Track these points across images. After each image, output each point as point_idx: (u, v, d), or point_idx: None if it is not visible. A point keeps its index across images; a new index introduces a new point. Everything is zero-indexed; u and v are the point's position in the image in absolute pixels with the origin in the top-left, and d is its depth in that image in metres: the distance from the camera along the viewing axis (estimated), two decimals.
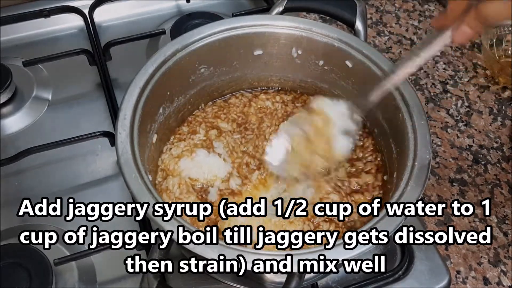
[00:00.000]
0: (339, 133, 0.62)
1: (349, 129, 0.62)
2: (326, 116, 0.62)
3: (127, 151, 0.56)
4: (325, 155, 0.62)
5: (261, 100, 0.77)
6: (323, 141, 0.61)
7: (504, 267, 0.73)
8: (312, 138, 0.62)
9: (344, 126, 0.62)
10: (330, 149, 0.62)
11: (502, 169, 0.84)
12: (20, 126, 0.84)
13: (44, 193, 0.75)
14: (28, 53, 0.90)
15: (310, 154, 0.62)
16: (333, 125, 0.62)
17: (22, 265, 0.65)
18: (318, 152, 0.61)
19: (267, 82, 0.78)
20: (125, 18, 1.01)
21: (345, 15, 0.75)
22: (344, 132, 0.62)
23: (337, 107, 0.63)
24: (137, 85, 0.62)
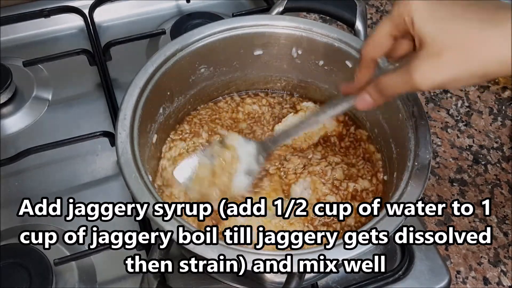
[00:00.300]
0: (242, 172, 0.64)
1: (252, 169, 0.64)
2: (236, 153, 0.64)
3: (127, 151, 0.56)
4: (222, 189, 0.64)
5: (248, 104, 0.77)
6: (226, 176, 0.64)
7: (504, 267, 0.73)
8: (216, 171, 0.64)
9: (248, 166, 0.64)
10: (230, 185, 0.64)
11: (502, 169, 0.84)
12: (20, 126, 0.84)
13: (44, 193, 0.75)
14: (28, 53, 0.90)
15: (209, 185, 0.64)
16: (239, 163, 0.64)
17: (22, 265, 0.65)
18: (217, 185, 0.63)
19: (267, 82, 0.78)
20: (125, 18, 1.01)
21: (345, 15, 0.75)
22: (247, 171, 0.64)
23: (247, 147, 0.65)
24: (137, 85, 0.62)
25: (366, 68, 0.55)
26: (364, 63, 0.55)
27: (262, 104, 0.77)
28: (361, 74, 0.56)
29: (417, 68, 0.46)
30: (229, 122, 0.75)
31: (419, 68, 0.46)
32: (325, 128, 0.74)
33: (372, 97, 0.53)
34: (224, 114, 0.76)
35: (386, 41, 0.52)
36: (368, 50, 0.54)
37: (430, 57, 0.45)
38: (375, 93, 0.53)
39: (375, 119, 0.69)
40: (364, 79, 0.56)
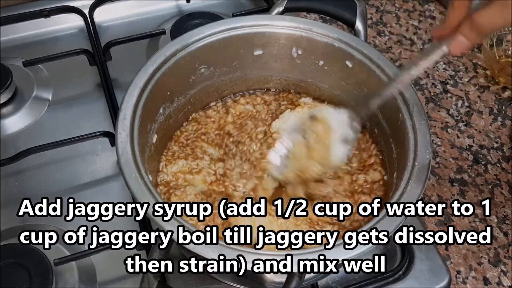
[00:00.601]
0: (338, 141, 0.63)
1: (348, 137, 0.64)
2: (327, 124, 0.64)
3: (127, 151, 0.56)
4: (322, 162, 0.63)
5: (241, 104, 0.76)
6: (322, 149, 0.63)
7: (504, 267, 0.73)
8: (312, 145, 0.63)
9: (343, 135, 0.64)
10: (328, 156, 0.63)
11: (502, 169, 0.84)
12: (20, 126, 0.84)
13: (44, 193, 0.75)
14: (28, 53, 0.90)
15: (308, 160, 0.63)
16: (333, 133, 0.63)
17: (22, 265, 0.65)
18: (316, 159, 0.63)
19: (267, 82, 0.78)
20: (125, 18, 1.01)
21: (345, 15, 0.75)
22: (343, 140, 0.64)
23: (338, 116, 0.64)
24: (137, 85, 0.62)
25: (459, 6, 0.51)
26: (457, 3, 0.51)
27: (256, 103, 0.77)
28: (454, 14, 0.52)
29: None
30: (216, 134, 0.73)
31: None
32: None
33: (467, 37, 0.51)
34: (211, 125, 0.74)
35: None
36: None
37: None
38: (471, 32, 0.50)
39: (375, 119, 0.69)
40: (457, 19, 0.52)
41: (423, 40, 1.02)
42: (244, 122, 0.74)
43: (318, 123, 0.64)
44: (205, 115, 0.76)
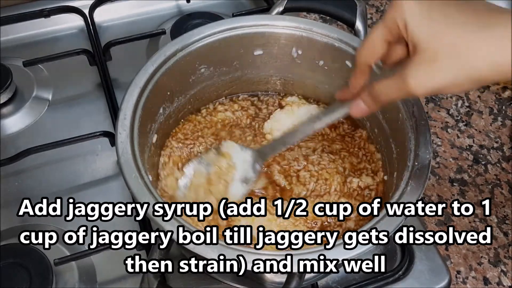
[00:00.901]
0: (238, 180, 0.64)
1: (248, 177, 0.64)
2: (231, 161, 0.64)
3: (127, 151, 0.56)
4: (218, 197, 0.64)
5: (220, 112, 0.76)
6: (222, 184, 0.63)
7: (504, 267, 0.73)
8: (212, 179, 0.64)
9: (244, 174, 0.64)
10: (225, 193, 0.64)
11: (502, 169, 0.84)
12: (20, 126, 0.84)
13: (44, 193, 0.75)
14: (28, 53, 0.90)
15: (205, 193, 0.64)
16: (235, 171, 0.64)
17: (22, 265, 0.65)
18: (213, 193, 0.63)
19: (267, 82, 0.78)
20: (125, 18, 1.01)
21: (345, 15, 0.75)
22: (242, 179, 0.64)
23: (243, 154, 0.65)
24: (137, 85, 0.62)
25: (360, 73, 0.55)
26: (359, 68, 0.55)
27: (234, 110, 0.76)
28: (356, 80, 0.56)
29: (411, 74, 0.46)
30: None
31: (413, 74, 0.46)
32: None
33: (366, 104, 0.53)
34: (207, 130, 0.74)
35: (380, 46, 0.51)
36: (362, 55, 0.53)
37: (424, 63, 0.45)
38: (369, 100, 0.53)
39: (375, 119, 0.69)
40: (358, 85, 0.56)
41: None
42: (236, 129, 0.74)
43: (223, 158, 0.64)
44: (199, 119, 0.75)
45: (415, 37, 0.46)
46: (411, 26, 0.46)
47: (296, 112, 0.74)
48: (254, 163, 0.65)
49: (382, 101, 0.51)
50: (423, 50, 0.45)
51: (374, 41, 0.51)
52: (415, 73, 0.46)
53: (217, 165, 0.64)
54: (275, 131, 0.72)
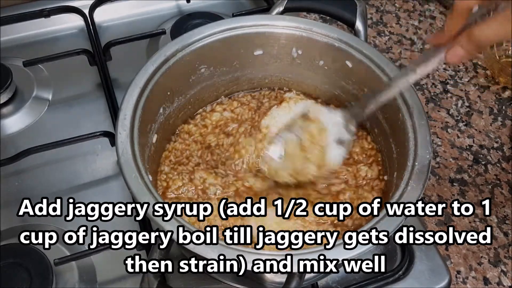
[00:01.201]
0: (333, 142, 0.63)
1: (343, 138, 0.63)
2: (322, 125, 0.63)
3: (127, 151, 0.56)
4: (317, 163, 0.62)
5: (217, 112, 0.75)
6: (317, 149, 0.62)
7: (504, 267, 0.73)
8: (306, 145, 0.62)
9: (338, 136, 0.63)
10: (323, 158, 0.62)
11: (502, 169, 0.84)
12: (20, 126, 0.84)
13: (44, 193, 0.75)
14: (28, 53, 0.90)
15: (303, 161, 0.62)
16: (327, 134, 0.63)
17: (22, 265, 0.65)
18: (311, 160, 0.62)
19: (267, 82, 0.78)
20: (125, 18, 1.01)
21: (345, 15, 0.75)
22: (338, 141, 0.63)
23: (333, 116, 0.64)
24: (137, 85, 0.62)
25: (458, 16, 0.51)
26: (457, 11, 0.51)
27: (234, 107, 0.76)
28: (453, 23, 0.52)
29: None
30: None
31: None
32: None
33: (465, 48, 0.51)
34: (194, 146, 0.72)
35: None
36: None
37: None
38: (468, 44, 0.50)
39: (375, 119, 0.69)
40: (456, 28, 0.52)
41: (423, 40, 1.02)
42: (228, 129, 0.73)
43: (311, 123, 0.63)
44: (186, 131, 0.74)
45: None
46: None
47: (293, 108, 0.74)
48: (346, 124, 0.63)
49: (483, 45, 0.49)
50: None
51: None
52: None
53: (307, 131, 0.62)
54: (272, 127, 0.72)
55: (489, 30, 0.48)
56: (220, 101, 0.77)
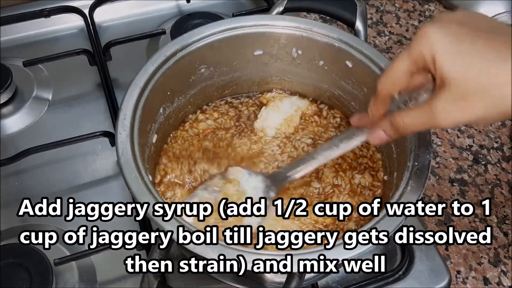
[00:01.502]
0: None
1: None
2: (241, 188, 0.63)
3: (127, 151, 0.56)
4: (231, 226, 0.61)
5: (202, 121, 0.74)
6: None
7: (504, 267, 0.73)
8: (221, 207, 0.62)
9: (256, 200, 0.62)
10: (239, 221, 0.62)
11: (502, 169, 0.84)
12: (20, 126, 0.84)
13: (44, 193, 0.75)
14: (28, 53, 0.90)
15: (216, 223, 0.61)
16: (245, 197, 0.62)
17: (22, 265, 0.65)
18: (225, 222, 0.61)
19: (267, 83, 0.78)
20: (125, 18, 1.01)
21: (345, 15, 0.75)
22: None
23: (253, 181, 0.64)
24: (137, 85, 0.62)
25: (381, 103, 0.53)
26: (380, 98, 0.53)
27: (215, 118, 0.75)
28: (376, 109, 0.54)
29: (440, 109, 0.45)
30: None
31: (442, 108, 0.45)
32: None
33: (387, 133, 0.53)
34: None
35: (403, 78, 0.49)
36: (385, 86, 0.51)
37: (454, 98, 0.44)
38: (390, 129, 0.52)
39: None
40: (378, 114, 0.54)
41: None
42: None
43: (229, 184, 0.63)
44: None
45: (444, 72, 0.44)
46: (440, 60, 0.44)
47: (281, 106, 0.75)
48: (266, 189, 0.63)
49: (405, 132, 0.51)
50: (452, 85, 0.44)
51: (397, 72, 0.49)
52: (443, 107, 0.45)
53: (224, 192, 0.63)
54: (267, 129, 0.72)
55: (409, 119, 0.49)
56: (204, 108, 0.76)
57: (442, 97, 0.45)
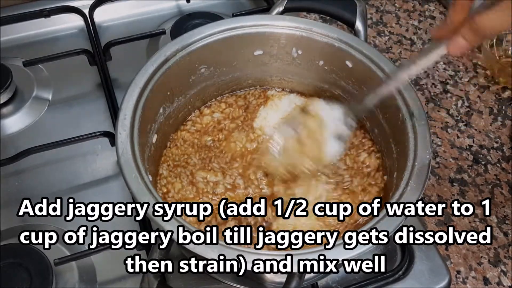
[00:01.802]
0: (331, 137, 0.62)
1: (342, 133, 0.63)
2: (320, 119, 0.63)
3: (127, 151, 0.56)
4: (314, 158, 0.62)
5: (207, 115, 0.75)
6: (315, 144, 0.62)
7: (504, 267, 0.73)
8: (304, 140, 0.62)
9: (337, 131, 0.63)
10: (320, 152, 0.62)
11: (502, 169, 0.84)
12: (20, 126, 0.84)
13: (44, 193, 0.75)
14: (28, 53, 0.90)
15: (300, 156, 0.62)
16: (326, 128, 0.62)
17: (22, 265, 0.65)
18: (308, 154, 0.62)
19: (267, 83, 0.78)
20: (125, 18, 1.01)
21: (345, 15, 0.75)
22: (336, 136, 0.63)
23: (332, 111, 0.63)
24: (137, 85, 0.62)
25: (461, 7, 0.51)
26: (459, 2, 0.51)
27: (222, 109, 0.76)
28: (455, 14, 0.51)
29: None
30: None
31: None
32: None
33: (467, 39, 0.50)
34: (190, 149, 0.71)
35: None
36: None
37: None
38: (471, 34, 0.50)
39: (375, 119, 0.69)
40: (458, 20, 0.51)
41: (423, 40, 1.02)
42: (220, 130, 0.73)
43: (310, 118, 0.62)
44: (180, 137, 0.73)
45: None
46: None
47: (279, 104, 0.75)
48: (346, 118, 0.62)
49: (485, 35, 0.49)
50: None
51: None
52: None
53: (306, 126, 0.62)
54: (265, 128, 0.72)
55: (491, 18, 0.47)
56: (209, 104, 0.76)
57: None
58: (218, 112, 0.75)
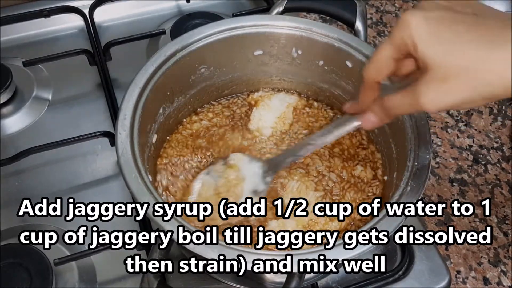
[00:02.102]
0: (248, 192, 0.63)
1: (259, 189, 0.63)
2: (240, 173, 0.64)
3: (127, 151, 0.56)
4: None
5: (195, 122, 0.74)
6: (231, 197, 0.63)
7: (504, 267, 0.73)
8: (221, 191, 0.63)
9: (254, 186, 0.63)
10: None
11: (502, 169, 0.84)
12: (20, 126, 0.84)
13: (44, 193, 0.75)
14: (28, 53, 0.90)
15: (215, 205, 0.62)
16: (244, 183, 0.63)
17: (22, 265, 0.65)
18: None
19: (267, 83, 0.78)
20: (125, 18, 1.01)
21: (345, 15, 0.75)
22: (253, 191, 0.63)
23: (252, 166, 0.64)
24: (137, 85, 0.62)
25: (369, 90, 0.54)
26: (367, 85, 0.54)
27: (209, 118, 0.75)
28: (365, 96, 0.55)
29: (423, 92, 0.45)
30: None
31: (425, 92, 0.45)
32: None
33: (377, 116, 0.54)
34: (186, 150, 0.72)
35: (388, 64, 0.50)
36: (369, 73, 0.52)
37: (436, 82, 0.44)
38: (380, 112, 0.53)
39: None
40: (368, 101, 0.55)
41: None
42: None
43: (231, 170, 0.64)
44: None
45: (425, 57, 0.45)
46: (421, 46, 0.45)
47: (271, 104, 0.75)
48: (264, 175, 0.64)
49: (393, 115, 0.52)
50: (434, 69, 0.44)
51: (381, 59, 0.50)
52: (426, 91, 0.45)
53: (225, 177, 0.63)
54: (263, 129, 0.73)
55: (396, 101, 0.50)
56: (198, 111, 0.76)
57: (423, 81, 0.45)
58: (206, 120, 0.75)
